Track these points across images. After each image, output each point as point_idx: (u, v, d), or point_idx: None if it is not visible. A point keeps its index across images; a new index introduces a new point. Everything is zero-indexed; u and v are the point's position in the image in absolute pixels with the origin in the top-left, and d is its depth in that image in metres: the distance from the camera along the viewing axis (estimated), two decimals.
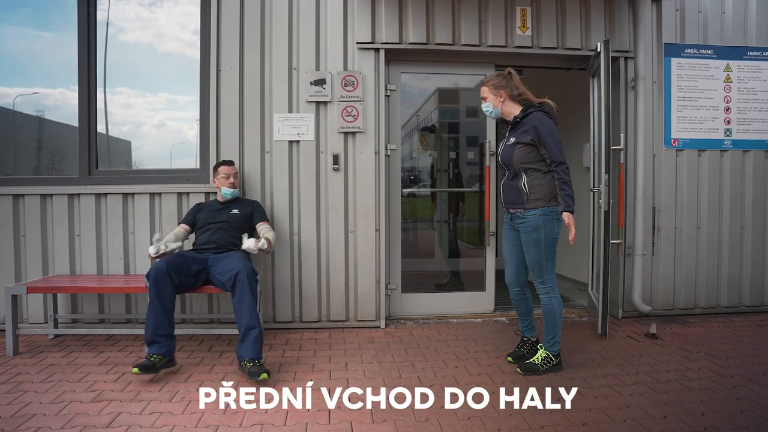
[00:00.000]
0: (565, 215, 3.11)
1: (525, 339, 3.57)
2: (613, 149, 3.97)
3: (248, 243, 3.52)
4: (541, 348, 3.36)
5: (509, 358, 3.52)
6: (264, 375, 3.07)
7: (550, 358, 3.30)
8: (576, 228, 3.13)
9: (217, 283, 3.54)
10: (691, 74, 4.57)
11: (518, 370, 3.30)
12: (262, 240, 3.57)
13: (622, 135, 4.19)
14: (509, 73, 3.32)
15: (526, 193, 3.20)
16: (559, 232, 3.24)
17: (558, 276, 4.81)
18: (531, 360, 3.33)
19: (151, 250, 3.53)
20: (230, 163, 3.96)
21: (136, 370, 3.10)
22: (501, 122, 3.49)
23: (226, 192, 3.88)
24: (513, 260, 3.43)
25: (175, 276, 3.37)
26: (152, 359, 3.19)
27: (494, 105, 3.31)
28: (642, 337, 4.00)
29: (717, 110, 4.60)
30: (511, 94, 3.28)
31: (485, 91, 3.33)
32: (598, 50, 3.91)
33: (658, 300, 4.58)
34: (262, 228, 3.89)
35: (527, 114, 3.22)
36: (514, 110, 3.30)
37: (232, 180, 3.88)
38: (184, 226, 3.89)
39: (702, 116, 4.58)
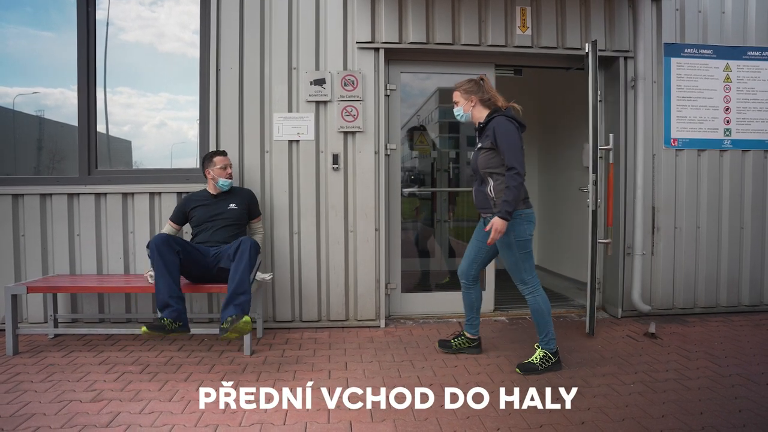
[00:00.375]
0: (496, 220, 3.10)
1: (461, 333, 3.70)
2: (601, 149, 3.99)
3: None
4: (538, 347, 3.37)
5: (437, 344, 3.71)
6: (246, 318, 3.24)
7: (549, 357, 3.31)
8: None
9: (224, 263, 3.56)
10: (691, 74, 4.57)
11: (517, 370, 3.30)
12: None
13: (611, 135, 4.19)
14: (481, 79, 3.38)
15: (493, 198, 3.24)
16: (531, 233, 3.27)
17: (558, 276, 4.85)
18: (530, 360, 3.34)
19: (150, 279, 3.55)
20: (224, 153, 3.94)
21: (144, 329, 3.18)
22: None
23: (224, 183, 3.85)
24: (471, 254, 3.53)
25: (176, 245, 3.43)
26: (163, 321, 3.25)
27: (465, 109, 3.36)
28: (641, 337, 4.00)
29: (717, 110, 4.60)
30: (482, 99, 3.32)
31: (457, 96, 3.39)
32: (587, 51, 3.92)
33: (658, 299, 4.58)
34: (254, 227, 4.04)
35: (491, 119, 3.25)
36: (482, 115, 3.34)
37: (229, 171, 3.87)
38: (174, 226, 3.90)
39: (702, 116, 4.59)
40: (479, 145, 3.29)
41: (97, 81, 4.29)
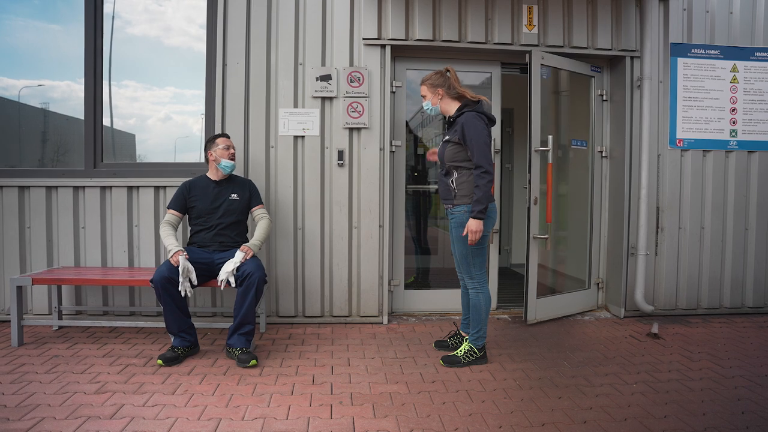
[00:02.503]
0: (471, 222, 3.17)
1: (457, 332, 3.73)
2: (538, 150, 4.15)
3: (229, 266, 3.44)
4: (466, 341, 3.44)
5: (434, 345, 3.73)
6: (253, 361, 3.29)
7: (474, 352, 3.39)
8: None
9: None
10: (698, 74, 4.56)
11: (440, 362, 3.39)
12: (237, 259, 3.45)
13: (550, 137, 4.22)
14: (447, 70, 3.41)
15: (454, 190, 3.32)
16: (490, 229, 3.35)
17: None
18: (454, 353, 3.44)
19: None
20: (227, 135, 3.81)
21: (160, 362, 3.28)
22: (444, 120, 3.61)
23: (226, 164, 3.67)
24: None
25: (178, 277, 3.38)
26: (177, 351, 3.38)
27: (432, 102, 3.41)
28: (644, 337, 4.00)
29: (723, 111, 4.59)
30: (449, 92, 3.36)
31: (424, 90, 3.43)
32: (527, 60, 4.12)
33: (661, 300, 4.58)
34: (257, 213, 3.81)
35: (461, 113, 3.29)
36: (451, 108, 3.39)
37: (232, 151, 3.73)
38: (176, 213, 3.68)
39: (708, 116, 4.57)
40: (446, 138, 3.35)
41: (103, 74, 4.29)
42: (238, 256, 3.44)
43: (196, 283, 3.42)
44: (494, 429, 2.53)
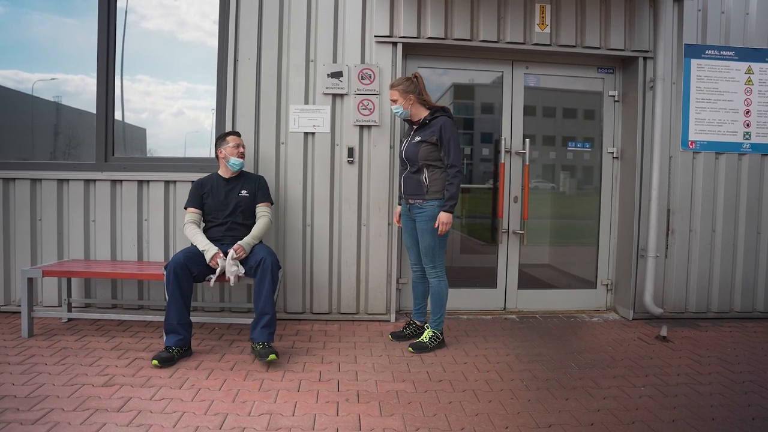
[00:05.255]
0: (442, 214, 3.49)
1: (411, 322, 3.94)
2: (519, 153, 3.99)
3: (226, 266, 3.46)
4: (428, 328, 3.73)
5: (390, 336, 3.91)
6: (272, 356, 3.23)
7: (437, 336, 3.70)
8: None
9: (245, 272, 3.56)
10: (711, 76, 4.51)
11: (410, 349, 3.63)
12: (228, 257, 3.46)
13: (527, 140, 4.39)
14: (415, 76, 3.67)
15: (427, 186, 3.58)
16: (451, 223, 3.59)
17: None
18: (419, 339, 3.70)
19: (231, 275, 3.46)
20: (238, 133, 3.84)
21: (155, 362, 3.21)
22: (405, 121, 3.83)
23: (235, 162, 3.72)
24: (414, 247, 3.81)
25: (194, 267, 3.43)
26: (171, 351, 3.31)
27: (404, 107, 3.63)
28: (652, 340, 3.98)
29: (737, 113, 4.54)
30: (418, 98, 3.63)
31: (395, 95, 3.64)
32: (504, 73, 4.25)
33: (670, 303, 4.54)
34: (259, 210, 3.80)
35: (435, 117, 3.59)
36: (420, 112, 3.66)
37: (242, 149, 3.77)
38: (196, 211, 3.71)
39: (721, 118, 4.53)
40: (418, 139, 3.60)
41: (115, 68, 4.31)
42: (230, 256, 3.46)
43: (242, 273, 3.53)
44: (501, 429, 2.52)
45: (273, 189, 4.17)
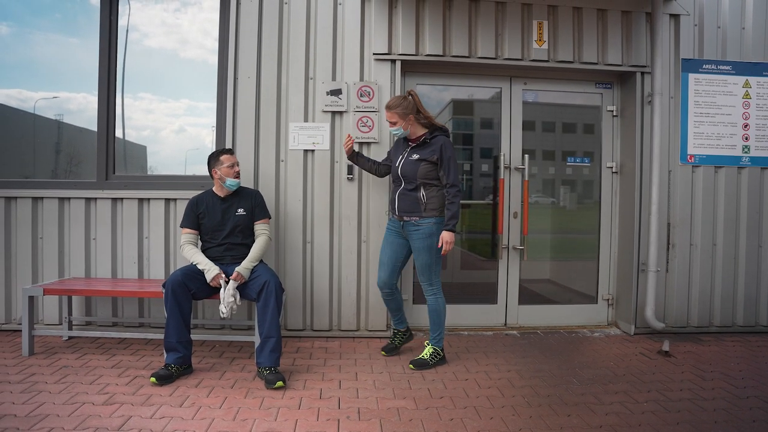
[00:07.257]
0: (445, 234, 3.52)
1: (395, 330, 3.98)
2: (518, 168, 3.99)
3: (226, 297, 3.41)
4: (428, 345, 3.72)
5: (383, 352, 3.90)
6: (279, 383, 3.18)
7: (438, 353, 3.69)
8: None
9: (245, 294, 3.54)
10: (709, 90, 4.54)
11: (411, 366, 3.60)
12: (230, 287, 3.42)
13: (526, 156, 4.37)
14: (410, 94, 3.69)
15: (424, 203, 3.60)
16: (454, 241, 3.59)
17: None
18: (420, 356, 3.68)
19: (226, 307, 3.39)
20: (231, 151, 3.77)
21: (153, 380, 3.19)
22: (402, 139, 3.80)
23: (231, 183, 3.65)
24: (390, 264, 3.79)
25: (192, 285, 3.42)
26: (170, 369, 3.29)
27: (404, 128, 3.64)
28: (654, 355, 3.96)
29: (735, 126, 4.56)
30: (417, 117, 3.65)
31: (394, 116, 3.62)
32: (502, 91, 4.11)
33: (672, 317, 4.53)
34: (258, 228, 3.75)
35: (434, 136, 3.62)
36: (418, 130, 3.68)
37: (237, 169, 3.69)
38: (193, 232, 3.68)
39: (719, 132, 4.55)
40: (416, 156, 3.60)
41: (117, 87, 4.35)
42: (231, 286, 3.41)
43: (239, 303, 3.47)
44: None
45: (273, 206, 4.18)
